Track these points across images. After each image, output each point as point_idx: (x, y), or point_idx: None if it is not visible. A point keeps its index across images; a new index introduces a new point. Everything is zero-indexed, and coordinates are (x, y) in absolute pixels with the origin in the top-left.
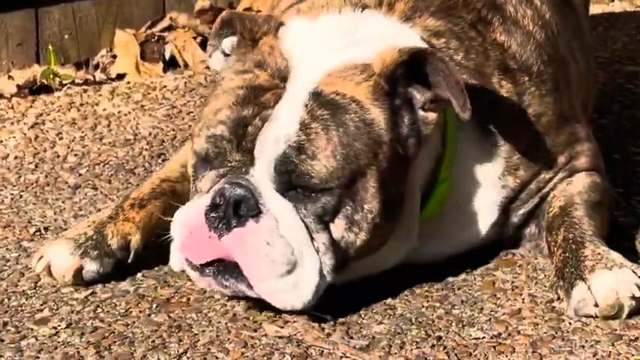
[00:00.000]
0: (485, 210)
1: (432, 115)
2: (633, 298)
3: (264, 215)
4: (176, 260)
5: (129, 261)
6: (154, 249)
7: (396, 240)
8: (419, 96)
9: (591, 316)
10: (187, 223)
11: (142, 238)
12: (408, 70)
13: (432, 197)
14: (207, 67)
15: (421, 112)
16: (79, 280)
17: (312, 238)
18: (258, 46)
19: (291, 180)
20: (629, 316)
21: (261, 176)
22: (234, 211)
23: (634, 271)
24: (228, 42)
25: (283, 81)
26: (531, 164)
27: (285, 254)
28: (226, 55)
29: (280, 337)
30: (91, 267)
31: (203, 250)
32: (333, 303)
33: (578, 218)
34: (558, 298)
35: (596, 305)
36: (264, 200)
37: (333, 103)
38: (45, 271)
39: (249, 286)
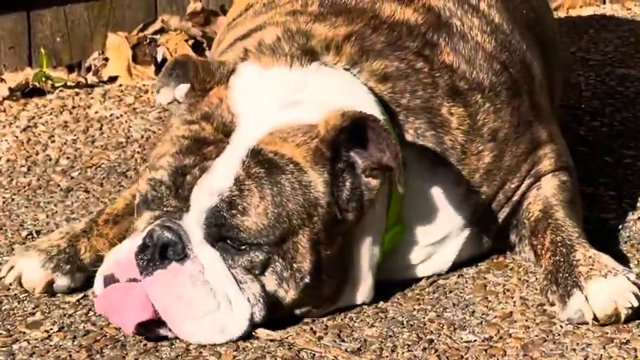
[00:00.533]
0: (456, 232)
1: (374, 182)
2: (631, 307)
3: (190, 260)
4: (98, 284)
5: None
6: None
7: (351, 291)
8: (360, 162)
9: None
10: (118, 262)
11: None
12: (351, 135)
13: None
14: None
15: (363, 178)
16: (49, 291)
17: (241, 289)
18: (209, 95)
19: (221, 232)
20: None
21: (193, 224)
22: (161, 253)
23: (628, 277)
24: (183, 89)
25: (227, 136)
26: (495, 179)
27: (206, 298)
28: (179, 102)
29: (272, 341)
30: (62, 282)
31: (122, 306)
32: None
33: (562, 220)
34: (549, 302)
35: (595, 318)
36: (192, 246)
37: (271, 162)
38: (15, 282)
39: (170, 330)
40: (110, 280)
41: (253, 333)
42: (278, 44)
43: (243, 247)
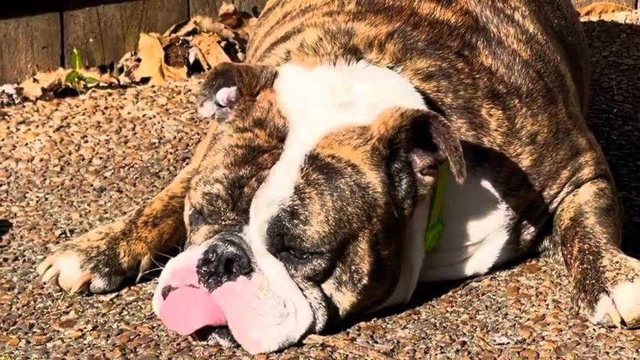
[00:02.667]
0: (494, 234)
1: (429, 178)
2: None
3: (255, 273)
4: (157, 305)
5: (136, 281)
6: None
7: (399, 290)
8: (419, 161)
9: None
10: (179, 275)
11: (151, 257)
12: (410, 134)
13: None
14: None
15: (419, 175)
16: (84, 291)
17: (304, 295)
18: (257, 100)
19: (284, 242)
20: None
21: (254, 236)
22: (225, 268)
23: None
24: (224, 93)
25: (281, 141)
26: (533, 184)
27: (276, 308)
28: (220, 106)
29: (313, 345)
30: (99, 283)
31: (188, 318)
32: None
33: (590, 227)
34: (580, 310)
35: (623, 322)
36: (256, 259)
37: (329, 167)
38: (52, 280)
39: (232, 340)
40: (167, 291)
41: None
42: (320, 44)
43: (305, 256)
